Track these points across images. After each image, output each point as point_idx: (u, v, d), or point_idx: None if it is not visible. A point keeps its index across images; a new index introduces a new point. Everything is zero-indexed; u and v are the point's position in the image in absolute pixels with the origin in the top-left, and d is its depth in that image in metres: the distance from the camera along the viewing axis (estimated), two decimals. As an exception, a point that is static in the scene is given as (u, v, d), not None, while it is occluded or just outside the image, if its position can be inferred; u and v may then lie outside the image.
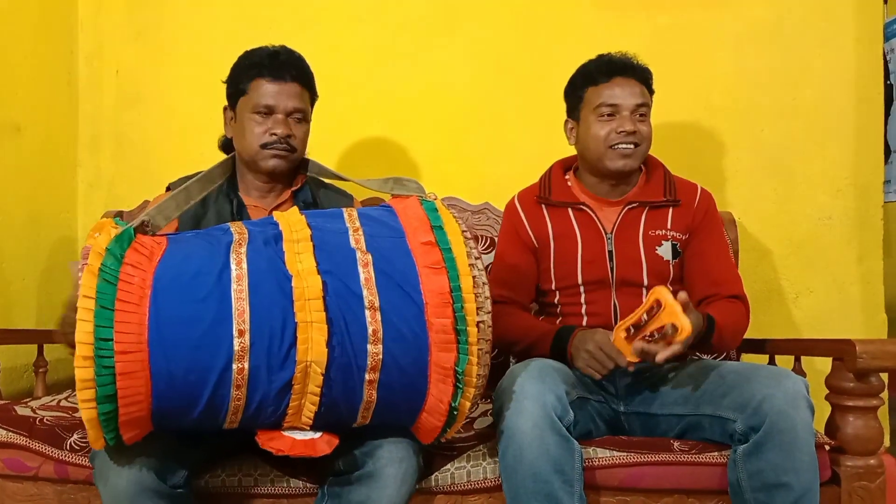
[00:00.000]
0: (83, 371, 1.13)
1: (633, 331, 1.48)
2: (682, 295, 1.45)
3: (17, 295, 2.19)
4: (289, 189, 1.69)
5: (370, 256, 1.27)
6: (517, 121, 2.33)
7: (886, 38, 2.25)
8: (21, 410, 1.66)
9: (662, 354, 1.42)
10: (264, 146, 1.61)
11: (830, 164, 2.21)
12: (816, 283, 2.22)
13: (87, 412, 1.15)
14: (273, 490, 1.47)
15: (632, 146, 1.67)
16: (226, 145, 1.74)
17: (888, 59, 2.26)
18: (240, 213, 1.64)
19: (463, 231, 1.30)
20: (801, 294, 2.23)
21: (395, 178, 1.51)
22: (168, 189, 1.64)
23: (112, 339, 1.14)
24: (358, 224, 1.34)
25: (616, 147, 1.67)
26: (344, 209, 1.41)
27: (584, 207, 1.74)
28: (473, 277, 1.25)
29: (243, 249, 1.27)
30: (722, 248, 1.75)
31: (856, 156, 2.21)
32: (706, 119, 2.27)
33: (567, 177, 1.82)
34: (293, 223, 1.33)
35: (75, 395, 1.88)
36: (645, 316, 1.45)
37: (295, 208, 1.41)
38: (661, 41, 2.27)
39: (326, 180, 1.74)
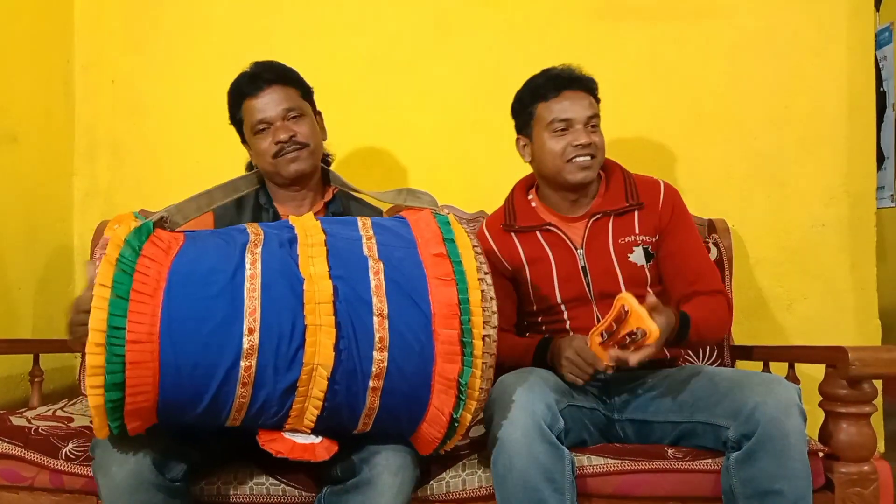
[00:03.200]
0: (94, 357, 1.15)
1: (606, 336, 1.48)
2: (650, 299, 1.46)
3: (13, 304, 2.19)
4: (321, 200, 1.73)
5: (381, 265, 1.28)
6: (512, 129, 2.32)
7: (878, 46, 2.27)
8: (16, 420, 1.66)
9: (634, 358, 1.44)
10: (276, 155, 1.65)
11: (823, 172, 2.22)
12: (810, 289, 2.22)
13: (95, 399, 1.17)
14: (269, 498, 1.47)
15: (589, 157, 1.68)
16: (251, 167, 1.80)
17: (880, 66, 2.27)
18: None
19: (474, 245, 1.32)
20: (794, 301, 2.23)
21: (408, 190, 1.54)
22: None
23: (125, 329, 1.16)
24: (371, 233, 1.36)
25: (574, 160, 1.68)
26: (358, 217, 1.43)
27: (552, 227, 1.74)
28: (482, 291, 1.27)
29: (258, 250, 1.29)
30: (694, 244, 1.74)
31: (849, 163, 2.22)
32: (700, 127, 2.27)
33: (530, 197, 1.82)
34: (308, 228, 1.35)
35: (71, 405, 1.91)
36: (615, 324, 1.46)
37: (310, 213, 1.43)
38: (655, 50, 2.28)
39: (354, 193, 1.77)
